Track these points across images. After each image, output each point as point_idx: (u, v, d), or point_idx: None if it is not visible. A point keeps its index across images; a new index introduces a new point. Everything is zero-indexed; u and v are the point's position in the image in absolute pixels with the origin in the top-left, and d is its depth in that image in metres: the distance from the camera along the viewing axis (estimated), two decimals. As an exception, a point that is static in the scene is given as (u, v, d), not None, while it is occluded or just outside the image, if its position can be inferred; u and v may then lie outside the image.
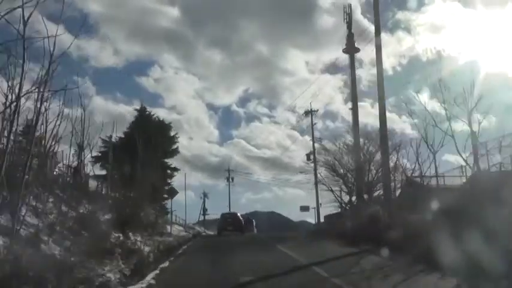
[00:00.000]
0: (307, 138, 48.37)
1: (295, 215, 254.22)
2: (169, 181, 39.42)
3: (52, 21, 10.11)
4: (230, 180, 66.59)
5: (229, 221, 31.18)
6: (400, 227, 14.81)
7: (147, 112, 38.38)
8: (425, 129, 19.37)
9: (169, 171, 40.17)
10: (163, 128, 37.75)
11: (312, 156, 42.46)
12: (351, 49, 28.30)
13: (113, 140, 35.22)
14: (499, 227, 9.57)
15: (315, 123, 44.96)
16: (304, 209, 49.94)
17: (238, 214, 33.82)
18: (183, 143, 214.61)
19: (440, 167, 22.51)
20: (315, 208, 48.88)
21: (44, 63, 8.94)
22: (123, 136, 34.46)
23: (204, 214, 64.62)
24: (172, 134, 39.04)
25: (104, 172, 29.95)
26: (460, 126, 18.57)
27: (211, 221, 77.17)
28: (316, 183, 40.62)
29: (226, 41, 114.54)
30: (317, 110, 45.46)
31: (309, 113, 45.16)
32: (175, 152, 39.47)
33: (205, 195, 66.19)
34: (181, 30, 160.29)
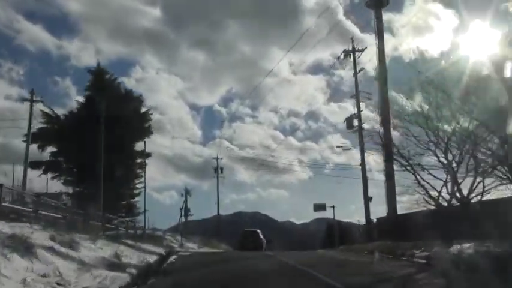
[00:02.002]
0: (291, 138, 41.99)
1: (279, 216, 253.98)
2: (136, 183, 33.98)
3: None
4: (218, 170, 56.79)
5: (250, 239, 29.84)
6: None
7: (109, 76, 30.26)
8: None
9: (139, 160, 34.00)
10: (130, 100, 31.00)
11: (356, 122, 31.15)
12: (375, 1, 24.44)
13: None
14: None
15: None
16: (319, 208, 40.80)
17: (259, 231, 32.41)
18: (165, 143, 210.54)
19: None
20: (333, 207, 42.17)
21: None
22: (75, 110, 28.42)
23: (185, 215, 56.74)
24: (144, 110, 32.80)
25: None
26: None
27: (193, 226, 68.89)
28: (362, 160, 30.50)
29: (209, 41, 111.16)
30: (364, 48, 31.80)
31: (349, 53, 32.06)
32: (148, 131, 32.86)
33: (187, 192, 57.47)
34: (164, 31, 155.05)
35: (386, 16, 65.33)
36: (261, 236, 31.17)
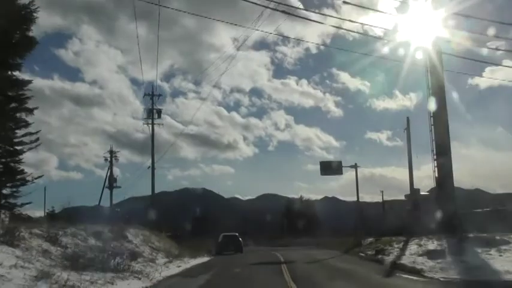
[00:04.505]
0: (235, 114, 35.54)
1: (225, 192, 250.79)
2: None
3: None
4: (153, 112, 41.08)
5: (230, 241, 32.30)
6: None
7: None
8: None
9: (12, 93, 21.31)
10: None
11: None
12: None
13: None
14: None
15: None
16: (327, 168, 31.72)
17: (237, 234, 34.88)
18: (106, 119, 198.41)
19: None
20: (356, 166, 32.11)
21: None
22: None
23: (110, 187, 45.18)
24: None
25: None
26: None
27: (131, 205, 58.10)
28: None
29: (151, 14, 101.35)
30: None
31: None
32: (30, 42, 21.31)
33: (112, 154, 46.00)
34: (102, 1, 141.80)
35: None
36: (240, 239, 33.35)
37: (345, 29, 67.37)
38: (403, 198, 31.64)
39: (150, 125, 41.22)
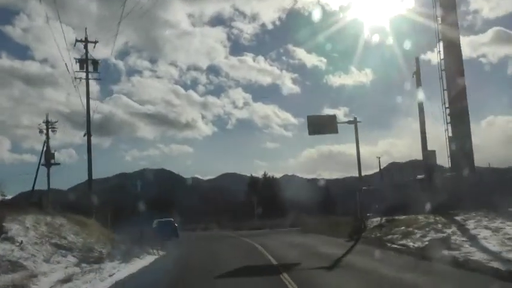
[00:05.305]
0: (192, 92, 26.66)
1: (185, 172, 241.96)
2: None
3: None
4: (88, 64, 30.36)
5: (165, 228, 30.26)
6: None
7: None
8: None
9: None
10: None
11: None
12: None
13: None
14: None
15: None
16: (316, 124, 23.62)
17: (172, 220, 34.01)
18: (59, 99, 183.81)
19: None
20: (356, 121, 23.47)
21: None
22: None
23: (47, 164, 37.96)
24: None
25: None
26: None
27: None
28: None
29: None
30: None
31: None
32: None
33: (48, 125, 39.10)
34: None
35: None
36: (176, 224, 32.30)
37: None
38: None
39: (85, 80, 31.05)
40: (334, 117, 23.71)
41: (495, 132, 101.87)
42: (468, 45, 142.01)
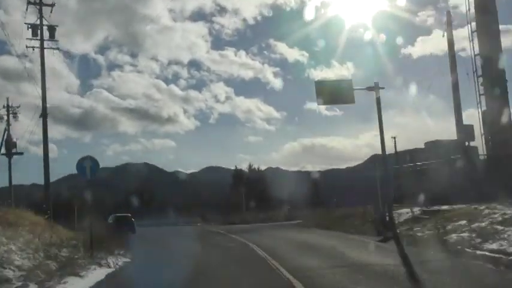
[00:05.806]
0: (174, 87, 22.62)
1: (167, 166, 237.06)
2: None
3: None
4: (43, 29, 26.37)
5: (122, 223, 28.73)
6: None
7: None
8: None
9: None
10: None
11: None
12: None
13: None
14: None
15: None
16: (326, 92, 18.33)
17: (130, 215, 32.67)
18: (39, 93, 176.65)
19: None
20: (377, 87, 18.85)
21: None
22: None
23: (8, 153, 33.87)
24: None
25: None
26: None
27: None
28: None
29: None
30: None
31: None
32: None
33: (8, 109, 34.98)
34: None
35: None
36: (133, 219, 31.52)
37: None
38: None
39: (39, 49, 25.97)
40: (350, 82, 18.57)
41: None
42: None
